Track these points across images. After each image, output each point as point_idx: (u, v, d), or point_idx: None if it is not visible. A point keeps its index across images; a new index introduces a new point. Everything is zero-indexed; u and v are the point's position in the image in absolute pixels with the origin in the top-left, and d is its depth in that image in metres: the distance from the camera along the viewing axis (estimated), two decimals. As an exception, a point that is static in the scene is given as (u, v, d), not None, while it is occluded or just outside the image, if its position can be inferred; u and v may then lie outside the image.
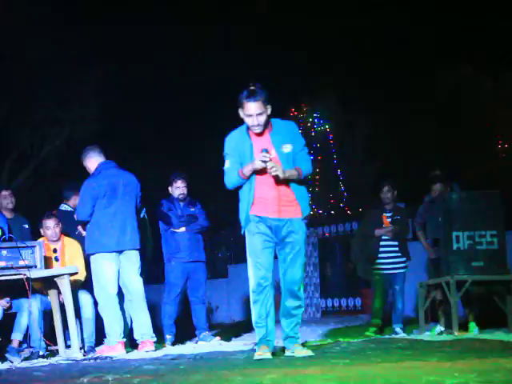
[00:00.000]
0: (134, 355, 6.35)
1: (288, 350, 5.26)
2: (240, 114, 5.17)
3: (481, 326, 7.27)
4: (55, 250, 7.16)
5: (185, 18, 19.99)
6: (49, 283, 6.64)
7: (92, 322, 6.97)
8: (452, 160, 15.97)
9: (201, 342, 7.61)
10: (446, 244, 7.09)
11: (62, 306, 6.57)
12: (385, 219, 8.23)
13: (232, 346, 6.76)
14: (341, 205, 18.32)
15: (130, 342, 7.05)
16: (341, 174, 18.49)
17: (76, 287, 6.89)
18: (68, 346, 6.63)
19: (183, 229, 7.87)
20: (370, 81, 18.36)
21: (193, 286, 7.93)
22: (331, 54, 19.15)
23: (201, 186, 10.17)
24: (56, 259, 7.14)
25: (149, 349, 6.65)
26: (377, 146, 17.97)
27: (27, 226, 7.91)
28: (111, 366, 5.03)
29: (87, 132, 16.67)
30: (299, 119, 18.53)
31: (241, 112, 5.15)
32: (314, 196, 18.04)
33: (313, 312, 13.69)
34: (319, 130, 18.86)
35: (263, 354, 5.00)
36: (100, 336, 7.01)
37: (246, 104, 5.08)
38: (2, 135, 16.85)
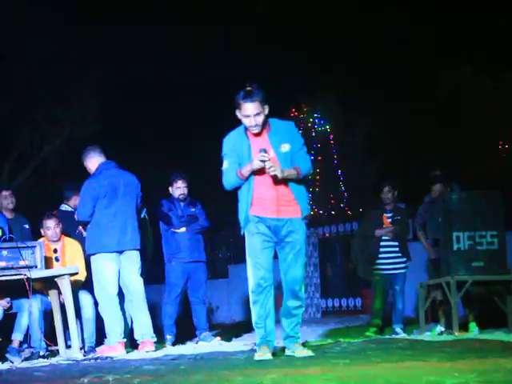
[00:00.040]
0: (135, 355, 6.34)
1: (288, 350, 5.25)
2: (237, 115, 5.14)
3: (481, 326, 7.26)
4: (55, 251, 7.16)
5: (185, 18, 19.99)
6: (49, 283, 6.63)
7: (92, 322, 6.96)
8: (452, 160, 15.96)
9: (201, 343, 7.60)
10: (447, 244, 7.09)
11: (63, 306, 6.56)
12: (385, 219, 8.22)
13: (232, 347, 6.75)
14: (341, 205, 18.32)
15: (131, 342, 7.05)
16: (341, 174, 18.48)
17: (76, 287, 6.88)
18: (68, 346, 6.62)
19: (183, 229, 7.87)
20: (370, 81, 18.35)
21: (193, 287, 7.92)
22: (331, 54, 19.14)
23: (201, 186, 10.16)
24: (56, 259, 7.13)
25: (149, 349, 6.64)
26: (377, 146, 17.96)
27: (27, 226, 7.91)
28: (111, 366, 5.03)
29: (87, 132, 16.66)
30: (300, 119, 18.54)
31: (238, 113, 5.12)
32: (315, 196, 18.04)
33: (313, 312, 13.68)
34: (320, 131, 18.86)
35: (264, 355, 4.99)
36: (100, 336, 7.01)
37: (243, 105, 5.05)
38: (2, 135, 16.84)
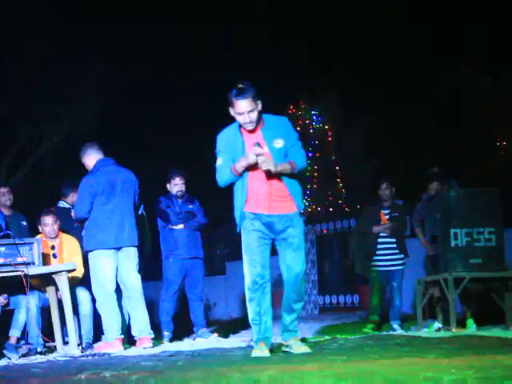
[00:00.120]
0: (132, 352, 6.35)
1: (286, 343, 5.24)
2: (231, 113, 5.15)
3: (479, 323, 7.25)
4: (53, 247, 7.16)
5: (185, 18, 20.00)
6: (47, 280, 6.63)
7: (90, 319, 6.95)
8: (452, 160, 15.96)
9: (199, 339, 7.60)
10: (444, 241, 7.08)
11: (60, 303, 6.56)
12: (383, 216, 8.23)
13: (230, 343, 6.76)
14: (339, 202, 18.32)
15: (128, 339, 7.05)
16: (339, 171, 18.49)
17: (74, 284, 6.87)
18: (66, 343, 6.62)
19: (181, 226, 7.87)
20: (370, 81, 18.36)
21: (191, 283, 7.92)
22: (331, 54, 19.15)
23: (199, 183, 10.15)
24: (54, 256, 7.13)
25: (147, 345, 6.64)
26: (376, 145, 17.97)
27: (25, 223, 7.90)
28: (109, 363, 5.04)
29: (86, 129, 16.65)
30: (298, 116, 18.56)
31: (231, 111, 5.13)
32: (313, 193, 18.05)
33: (311, 309, 13.70)
34: (317, 128, 18.87)
35: (261, 352, 5.00)
36: (98, 332, 7.00)
37: (236, 102, 5.06)
38: (2, 132, 16.83)
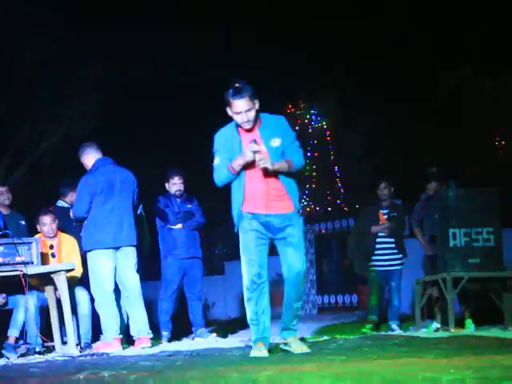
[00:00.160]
0: (131, 351, 6.35)
1: (285, 340, 5.23)
2: (228, 113, 5.13)
3: (477, 323, 7.25)
4: (52, 247, 7.16)
5: (185, 18, 20.03)
6: (45, 279, 6.63)
7: (88, 319, 6.95)
8: (452, 160, 15.96)
9: (197, 339, 7.59)
10: (443, 241, 7.08)
11: (59, 303, 6.57)
12: (381, 216, 8.23)
13: (228, 343, 6.76)
14: (338, 201, 18.31)
15: (127, 339, 7.06)
16: (338, 171, 18.48)
17: (72, 283, 6.88)
18: (64, 343, 6.63)
19: (180, 225, 7.86)
20: (370, 81, 18.36)
21: (189, 283, 7.92)
22: (331, 54, 19.16)
23: (198, 183, 10.15)
24: (53, 255, 7.14)
25: (145, 345, 6.64)
26: (375, 144, 17.97)
27: (23, 223, 7.89)
28: (107, 363, 5.04)
29: (85, 129, 16.64)
30: (296, 116, 18.55)
31: (229, 110, 5.11)
32: (311, 192, 18.05)
33: (309, 308, 13.69)
34: (316, 127, 18.86)
35: (259, 352, 4.99)
36: (96, 332, 7.00)
37: (233, 102, 5.05)
38: (0, 131, 16.82)
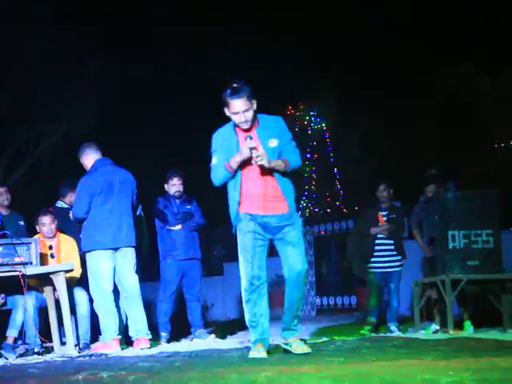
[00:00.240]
0: (129, 352, 6.34)
1: (286, 341, 5.22)
2: (226, 113, 5.10)
3: (476, 325, 7.25)
4: (51, 247, 7.15)
5: (185, 18, 20.04)
6: (44, 280, 6.62)
7: (87, 319, 6.95)
8: (451, 160, 15.98)
9: (196, 340, 7.58)
10: (442, 243, 7.08)
11: (58, 303, 6.55)
12: (380, 218, 8.21)
13: (227, 344, 6.75)
14: (337, 203, 18.32)
15: (125, 339, 7.04)
16: (337, 173, 18.49)
17: (71, 284, 6.87)
18: (63, 343, 6.61)
19: (179, 226, 7.85)
20: (370, 81, 18.38)
21: (188, 284, 7.91)
22: (331, 54, 19.17)
23: (197, 184, 10.15)
24: (52, 256, 7.13)
25: (144, 346, 6.63)
26: (374, 145, 17.98)
27: (23, 223, 7.89)
28: (106, 363, 5.02)
29: (85, 129, 16.65)
30: (296, 117, 18.56)
31: (227, 111, 5.08)
32: (310, 194, 18.06)
33: (308, 310, 13.68)
34: (316, 129, 18.87)
35: (258, 353, 4.98)
36: (95, 333, 7.00)
37: (231, 102, 5.02)
38: (0, 131, 16.82)
